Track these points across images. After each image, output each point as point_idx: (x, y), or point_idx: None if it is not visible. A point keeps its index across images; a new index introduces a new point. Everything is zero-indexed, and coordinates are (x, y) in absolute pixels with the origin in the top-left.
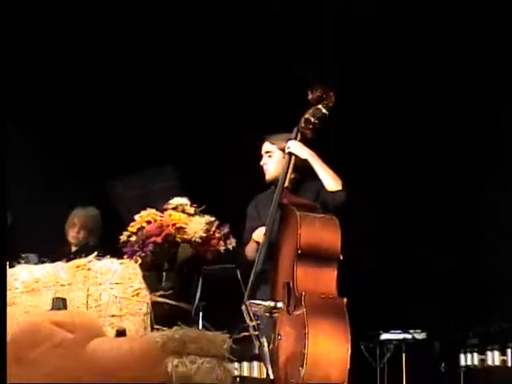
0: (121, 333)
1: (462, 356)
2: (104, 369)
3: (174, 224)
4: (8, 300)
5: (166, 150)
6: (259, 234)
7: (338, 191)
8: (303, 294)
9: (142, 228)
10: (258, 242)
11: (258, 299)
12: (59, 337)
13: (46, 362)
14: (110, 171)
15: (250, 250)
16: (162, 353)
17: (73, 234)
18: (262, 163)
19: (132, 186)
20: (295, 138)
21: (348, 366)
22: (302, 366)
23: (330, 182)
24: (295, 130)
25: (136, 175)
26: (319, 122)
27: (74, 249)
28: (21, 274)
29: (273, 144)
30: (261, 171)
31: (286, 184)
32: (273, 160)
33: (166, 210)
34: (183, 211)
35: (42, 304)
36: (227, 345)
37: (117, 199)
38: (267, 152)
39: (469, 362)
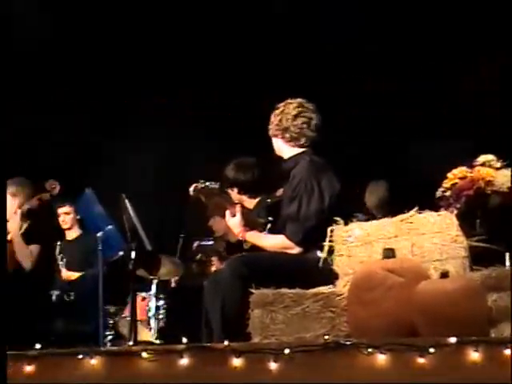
0: (444, 275)
1: None
2: (432, 307)
3: (483, 178)
4: (344, 252)
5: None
6: None
7: None
8: None
9: (455, 184)
10: None
11: None
12: (391, 281)
13: (381, 303)
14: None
15: None
16: (482, 290)
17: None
18: None
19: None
20: None
21: None
22: None
23: None
24: None
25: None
26: None
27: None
28: (354, 231)
29: None
30: None
31: None
32: None
33: (474, 166)
34: (490, 166)
35: (374, 254)
36: None
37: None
38: None
39: None
